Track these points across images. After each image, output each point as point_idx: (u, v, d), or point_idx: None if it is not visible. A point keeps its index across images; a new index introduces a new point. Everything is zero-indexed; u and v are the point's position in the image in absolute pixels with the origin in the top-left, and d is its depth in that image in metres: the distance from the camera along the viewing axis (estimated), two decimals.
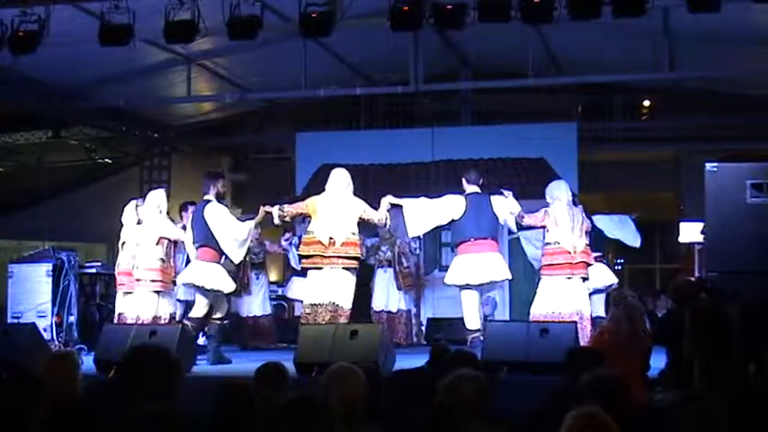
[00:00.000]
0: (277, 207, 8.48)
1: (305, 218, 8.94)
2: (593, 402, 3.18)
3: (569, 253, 8.34)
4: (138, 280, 8.80)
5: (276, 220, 8.62)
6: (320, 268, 8.19)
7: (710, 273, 7.25)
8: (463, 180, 8.67)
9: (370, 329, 7.57)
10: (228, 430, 3.70)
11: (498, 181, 12.60)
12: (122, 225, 9.31)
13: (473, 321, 8.39)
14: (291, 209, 8.54)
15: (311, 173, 13.33)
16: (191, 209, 9.56)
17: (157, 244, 8.75)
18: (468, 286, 8.43)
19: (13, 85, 11.30)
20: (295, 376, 6.80)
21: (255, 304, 10.91)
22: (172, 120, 15.04)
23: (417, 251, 11.35)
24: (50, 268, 9.78)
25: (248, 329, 10.93)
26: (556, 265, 8.35)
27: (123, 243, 9.20)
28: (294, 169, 13.73)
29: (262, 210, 8.59)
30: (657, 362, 6.31)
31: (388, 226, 8.96)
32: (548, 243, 8.42)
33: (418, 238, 10.95)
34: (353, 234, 8.27)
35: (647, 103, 15.39)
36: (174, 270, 8.96)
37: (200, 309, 8.57)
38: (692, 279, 8.54)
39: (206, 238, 8.54)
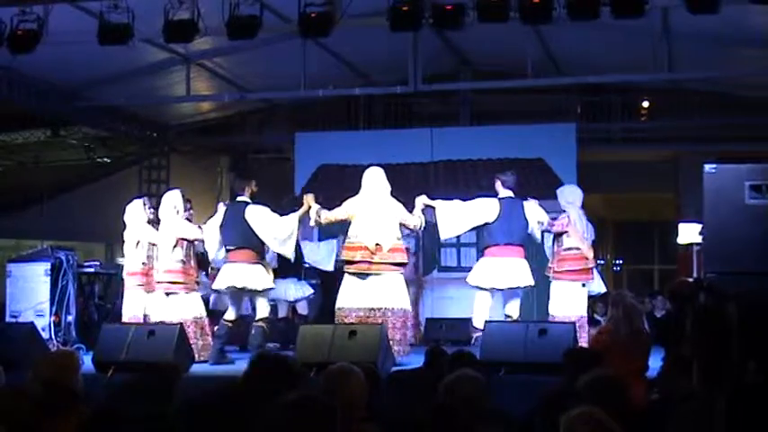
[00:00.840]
0: (316, 210, 8.39)
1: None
2: (591, 402, 3.18)
3: (587, 259, 8.46)
4: (158, 282, 8.73)
5: (312, 222, 8.57)
6: (364, 276, 8.11)
7: (709, 274, 7.23)
8: (498, 182, 8.56)
9: (369, 330, 7.56)
10: (227, 429, 3.70)
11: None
12: (125, 225, 9.26)
13: (480, 320, 8.30)
14: (330, 216, 8.39)
15: (310, 173, 13.33)
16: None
17: (176, 246, 8.68)
18: (491, 290, 8.39)
19: (12, 84, 11.31)
20: None
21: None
22: (171, 119, 15.04)
23: (413, 251, 11.29)
24: (49, 267, 9.76)
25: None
26: (575, 271, 8.41)
27: (138, 242, 9.11)
28: (293, 169, 13.72)
29: (306, 200, 8.49)
30: (656, 362, 6.31)
31: (422, 228, 8.72)
32: (568, 248, 8.44)
33: (417, 238, 10.95)
34: (399, 239, 8.19)
35: (645, 103, 15.39)
36: (197, 271, 8.90)
37: (264, 309, 8.60)
38: (690, 280, 8.56)
39: (245, 240, 8.44)
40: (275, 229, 8.43)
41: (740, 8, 8.41)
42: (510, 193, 8.48)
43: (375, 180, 8.34)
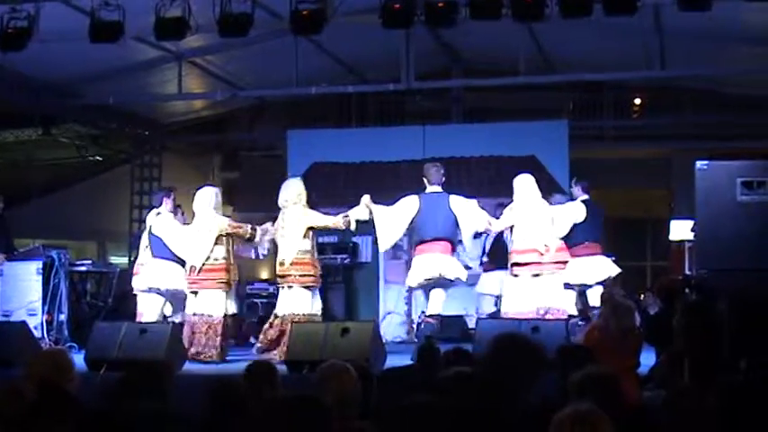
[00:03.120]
0: (487, 220, 8.58)
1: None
2: (584, 399, 3.19)
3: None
4: (281, 276, 8.41)
5: (481, 229, 8.71)
6: (534, 276, 8.42)
7: (701, 270, 7.25)
8: (578, 188, 9.13)
9: (361, 327, 7.56)
10: (220, 428, 3.70)
11: (490, 179, 12.61)
12: (193, 215, 8.86)
13: (573, 310, 8.75)
14: (499, 224, 8.70)
15: (303, 170, 13.29)
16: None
17: (305, 237, 8.40)
18: (582, 286, 8.81)
19: (3, 81, 11.26)
20: (285, 374, 6.79)
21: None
22: (163, 117, 15.00)
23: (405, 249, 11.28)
24: (41, 266, 9.73)
25: None
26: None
27: (218, 235, 8.53)
28: (286, 167, 13.70)
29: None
30: (648, 359, 6.33)
31: None
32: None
33: (410, 236, 10.91)
34: (560, 240, 8.57)
35: (638, 101, 15.42)
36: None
37: (438, 304, 8.62)
38: (679, 277, 8.63)
39: (446, 231, 8.44)
40: (475, 219, 8.53)
41: (732, 5, 8.43)
42: (587, 197, 9.06)
43: (527, 186, 8.72)
